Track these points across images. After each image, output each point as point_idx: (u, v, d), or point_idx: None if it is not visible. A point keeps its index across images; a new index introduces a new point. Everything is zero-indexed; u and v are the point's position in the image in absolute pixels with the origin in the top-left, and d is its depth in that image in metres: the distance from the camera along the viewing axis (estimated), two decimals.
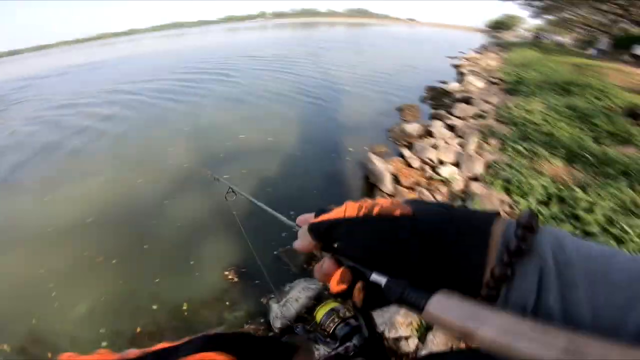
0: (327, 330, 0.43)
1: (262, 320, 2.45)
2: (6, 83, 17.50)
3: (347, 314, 0.44)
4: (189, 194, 4.05)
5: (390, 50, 17.30)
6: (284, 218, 0.52)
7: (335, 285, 0.32)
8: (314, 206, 0.35)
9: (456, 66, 11.84)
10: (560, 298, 0.24)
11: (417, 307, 0.26)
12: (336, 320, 0.43)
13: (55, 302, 2.82)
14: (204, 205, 3.72)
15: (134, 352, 0.31)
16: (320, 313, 0.46)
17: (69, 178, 4.77)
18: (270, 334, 2.33)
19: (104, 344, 2.45)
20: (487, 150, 4.15)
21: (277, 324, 2.36)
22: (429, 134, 5.04)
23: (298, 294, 2.50)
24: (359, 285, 0.31)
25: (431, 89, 8.27)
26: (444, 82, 8.90)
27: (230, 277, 2.84)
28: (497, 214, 0.29)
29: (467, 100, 6.55)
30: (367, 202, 0.33)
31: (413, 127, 5.19)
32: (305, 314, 2.42)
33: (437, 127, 5.11)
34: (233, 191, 1.02)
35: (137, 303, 2.72)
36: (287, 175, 4.31)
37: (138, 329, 2.50)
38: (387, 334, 1.96)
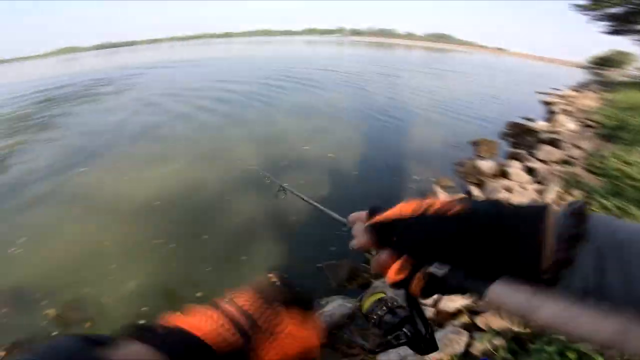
0: (374, 318, 0.43)
1: None
2: (122, 70, 20.86)
3: (395, 303, 0.43)
4: (248, 193, 4.28)
5: (472, 78, 16.43)
6: (335, 215, 0.54)
7: (393, 275, 0.34)
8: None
9: (546, 103, 10.78)
10: (621, 277, 0.25)
11: (479, 294, 0.28)
12: (384, 309, 0.43)
13: (111, 275, 3.05)
14: (261, 207, 3.93)
15: (229, 307, 0.33)
16: (367, 302, 0.46)
17: (149, 161, 5.39)
18: None
19: (141, 321, 2.61)
20: (568, 202, 3.73)
21: None
22: (503, 174, 4.68)
23: (333, 310, 2.48)
24: (419, 274, 0.33)
25: (514, 125, 7.63)
26: (529, 119, 8.16)
27: (272, 279, 2.91)
28: (547, 206, 0.30)
29: (553, 143, 5.91)
30: (424, 201, 0.35)
31: (487, 165, 4.84)
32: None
33: (515, 168, 4.71)
34: (284, 190, 1.09)
35: (183, 288, 2.88)
36: (343, 193, 4.35)
37: (173, 310, 2.68)
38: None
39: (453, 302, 2.35)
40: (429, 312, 2.36)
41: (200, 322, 0.31)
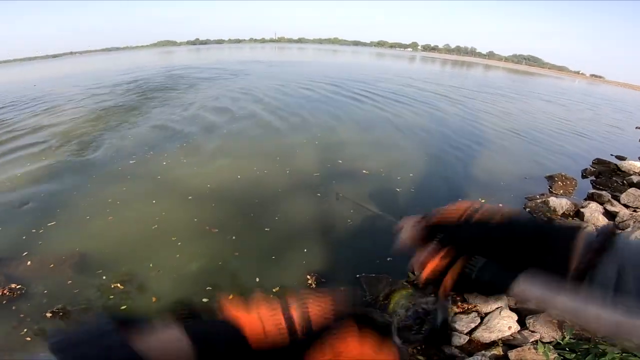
0: (401, 314, 0.45)
1: None
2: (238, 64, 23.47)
3: (421, 300, 0.44)
4: (304, 195, 4.55)
5: (561, 106, 15.02)
6: (389, 215, 0.58)
7: (430, 270, 0.38)
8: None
9: None
10: (637, 285, 0.29)
11: (506, 285, 0.33)
12: (410, 305, 0.45)
13: (177, 254, 3.31)
14: (316, 210, 4.16)
15: (293, 309, 0.33)
16: (395, 298, 0.47)
17: (220, 153, 5.91)
18: None
19: (205, 300, 2.76)
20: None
21: None
22: (577, 215, 4.41)
23: None
24: (454, 267, 0.36)
25: (600, 163, 6.95)
26: (620, 158, 7.35)
27: (310, 281, 3.00)
28: (581, 224, 0.50)
29: None
30: (473, 206, 0.39)
31: (560, 203, 4.56)
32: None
33: (592, 210, 4.41)
34: (340, 196, 1.24)
35: (239, 276, 3.09)
36: (396, 209, 4.39)
37: (231, 296, 2.76)
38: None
39: (490, 333, 2.36)
40: (462, 340, 2.38)
41: (255, 316, 0.32)
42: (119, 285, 2.93)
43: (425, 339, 0.43)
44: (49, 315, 2.62)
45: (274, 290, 2.94)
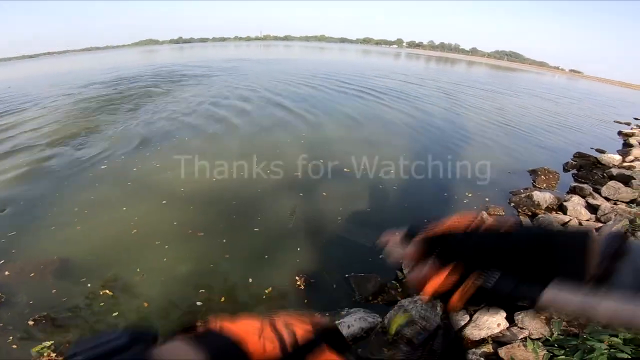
0: (405, 338, 0.50)
1: None
2: (223, 62, 23.02)
3: (423, 322, 0.51)
4: (292, 197, 4.51)
5: (541, 101, 15.40)
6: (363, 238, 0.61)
7: (436, 285, 0.37)
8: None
9: (625, 134, 9.84)
10: None
11: (532, 298, 0.33)
12: (414, 328, 0.50)
13: (164, 258, 3.27)
14: (303, 211, 4.15)
15: (285, 334, 0.35)
16: (395, 324, 0.52)
17: (207, 154, 5.74)
18: None
19: (198, 303, 2.76)
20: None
21: None
22: (561, 208, 4.52)
23: (353, 321, 2.48)
24: (468, 282, 0.36)
25: (580, 156, 7.18)
26: (600, 151, 7.62)
27: (298, 282, 3.01)
28: (591, 229, 0.35)
29: (624, 180, 5.49)
30: (475, 218, 0.39)
31: (543, 197, 4.66)
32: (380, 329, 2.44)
33: (575, 203, 4.53)
34: (293, 214, 1.21)
35: (230, 279, 3.06)
36: (384, 206, 4.42)
37: (222, 298, 2.84)
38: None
39: (479, 330, 2.37)
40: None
41: (250, 330, 0.33)
42: (107, 291, 2.87)
43: (441, 353, 0.42)
44: (31, 323, 2.56)
45: (266, 291, 2.93)
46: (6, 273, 3.09)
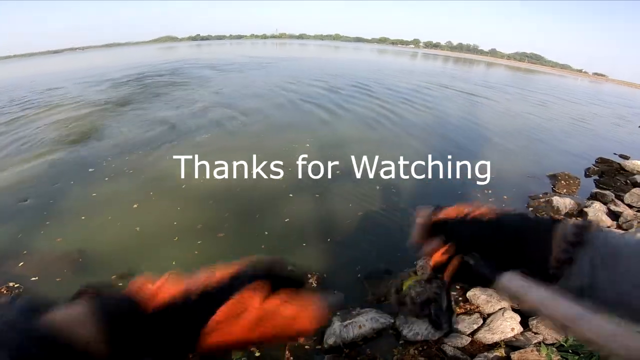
0: (410, 297, 0.50)
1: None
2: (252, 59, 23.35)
3: (428, 285, 0.49)
4: (306, 196, 4.50)
5: (564, 104, 14.87)
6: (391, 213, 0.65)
7: (437, 257, 0.43)
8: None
9: None
10: (609, 278, 0.31)
11: (491, 280, 0.37)
12: (418, 289, 0.49)
13: (185, 254, 3.28)
14: (317, 209, 4.18)
15: (200, 277, 0.34)
16: (408, 282, 0.52)
17: (221, 152, 5.62)
18: (318, 347, 2.38)
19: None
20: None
21: (329, 340, 2.36)
22: (580, 214, 4.38)
23: (365, 321, 2.46)
24: (454, 261, 0.42)
25: (603, 162, 6.85)
26: (624, 157, 7.27)
27: (311, 280, 2.99)
28: (562, 219, 0.38)
29: None
30: (468, 207, 0.45)
31: (563, 202, 4.52)
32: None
33: (595, 209, 4.38)
34: None
35: None
36: (390, 210, 4.31)
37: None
38: None
39: (492, 334, 2.35)
40: (465, 341, 2.38)
41: (159, 284, 0.32)
42: (120, 285, 2.91)
43: (432, 319, 0.47)
44: None
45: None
46: (21, 264, 3.15)
